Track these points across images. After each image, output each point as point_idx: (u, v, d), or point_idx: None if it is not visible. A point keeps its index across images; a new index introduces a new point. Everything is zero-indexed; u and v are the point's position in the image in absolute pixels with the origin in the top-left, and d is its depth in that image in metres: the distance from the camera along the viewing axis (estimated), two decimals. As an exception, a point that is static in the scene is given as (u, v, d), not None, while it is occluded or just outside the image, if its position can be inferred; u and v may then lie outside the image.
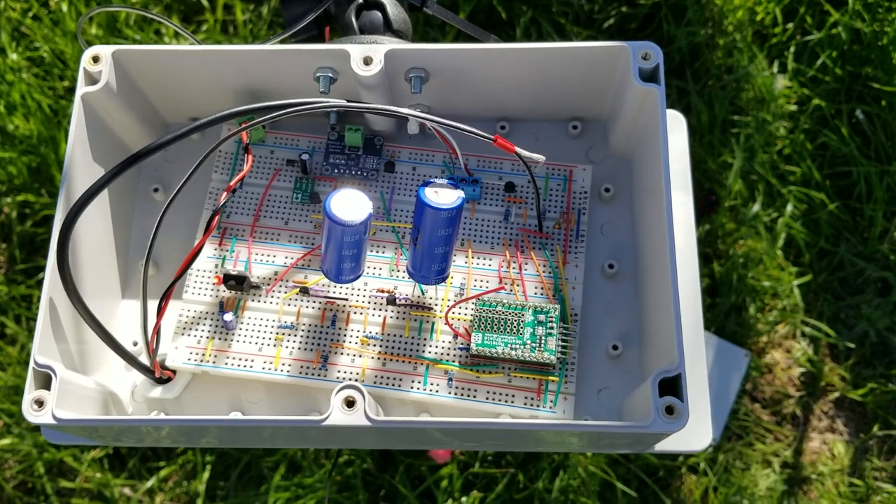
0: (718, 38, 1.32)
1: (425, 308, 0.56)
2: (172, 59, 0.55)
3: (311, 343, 0.55)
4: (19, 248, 1.21)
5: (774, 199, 1.27)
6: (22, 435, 1.13)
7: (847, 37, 1.28)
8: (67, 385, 0.49)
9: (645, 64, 0.53)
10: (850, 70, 1.28)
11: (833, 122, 1.27)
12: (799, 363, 1.23)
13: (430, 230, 0.51)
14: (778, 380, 1.24)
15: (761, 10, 1.32)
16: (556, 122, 0.61)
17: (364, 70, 0.53)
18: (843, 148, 1.26)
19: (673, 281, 0.49)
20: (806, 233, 1.25)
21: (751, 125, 1.28)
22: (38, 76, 1.26)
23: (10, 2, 1.27)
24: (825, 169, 1.27)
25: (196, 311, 0.56)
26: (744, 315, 1.25)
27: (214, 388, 0.57)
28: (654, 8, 1.31)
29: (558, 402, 0.54)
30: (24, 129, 1.22)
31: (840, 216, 1.25)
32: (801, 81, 1.30)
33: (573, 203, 0.58)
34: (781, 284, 1.24)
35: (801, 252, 1.25)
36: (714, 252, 1.27)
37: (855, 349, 1.22)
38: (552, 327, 0.54)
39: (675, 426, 0.47)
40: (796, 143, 1.27)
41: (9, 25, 1.26)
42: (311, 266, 0.57)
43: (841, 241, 1.25)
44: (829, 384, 1.22)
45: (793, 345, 1.24)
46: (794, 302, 1.24)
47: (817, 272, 1.25)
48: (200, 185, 0.59)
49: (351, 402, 0.48)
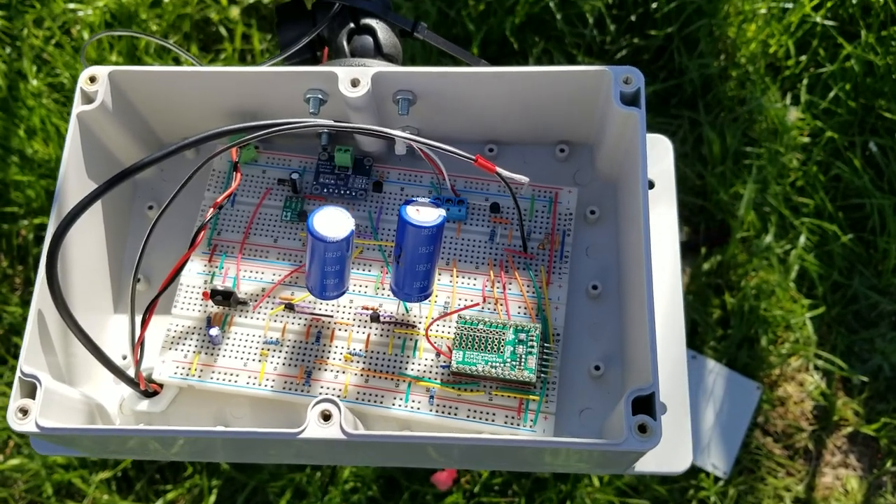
0: (731, 70, 1.33)
1: (409, 326, 0.57)
2: (167, 80, 0.57)
3: (296, 359, 0.56)
4: (34, 270, 1.24)
5: (787, 231, 1.26)
6: (31, 455, 1.15)
7: (860, 69, 1.28)
8: (53, 395, 0.50)
9: (626, 88, 0.54)
10: (863, 102, 1.28)
11: (846, 155, 1.27)
12: (812, 397, 1.22)
13: (412, 248, 0.52)
14: (790, 413, 1.22)
15: (774, 43, 1.32)
16: (543, 145, 0.62)
17: (351, 91, 0.55)
18: (856, 180, 1.25)
19: (648, 300, 0.49)
20: (819, 265, 1.24)
21: (763, 157, 1.28)
22: (57, 101, 1.29)
23: (33, 29, 1.31)
24: (838, 201, 1.27)
25: (184, 326, 0.57)
26: (756, 347, 1.24)
27: (201, 402, 0.57)
28: (666, 39, 1.32)
29: (538, 421, 0.54)
30: (44, 153, 1.25)
31: (854, 249, 1.25)
32: (814, 113, 1.30)
33: (558, 224, 0.59)
34: (794, 317, 1.23)
35: (815, 284, 1.24)
36: (726, 283, 1.27)
37: (869, 383, 1.21)
38: (533, 346, 0.55)
39: (647, 444, 0.47)
40: (809, 175, 1.27)
41: (31, 52, 1.29)
42: (297, 283, 0.58)
43: (854, 274, 1.24)
44: (842, 418, 1.21)
45: (805, 378, 1.23)
46: (807, 335, 1.23)
47: (831, 305, 1.24)
48: (194, 204, 0.60)
49: (327, 416, 0.49)
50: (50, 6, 1.32)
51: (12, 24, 1.32)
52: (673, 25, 1.31)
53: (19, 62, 1.29)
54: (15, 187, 1.24)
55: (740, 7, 1.33)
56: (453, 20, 1.34)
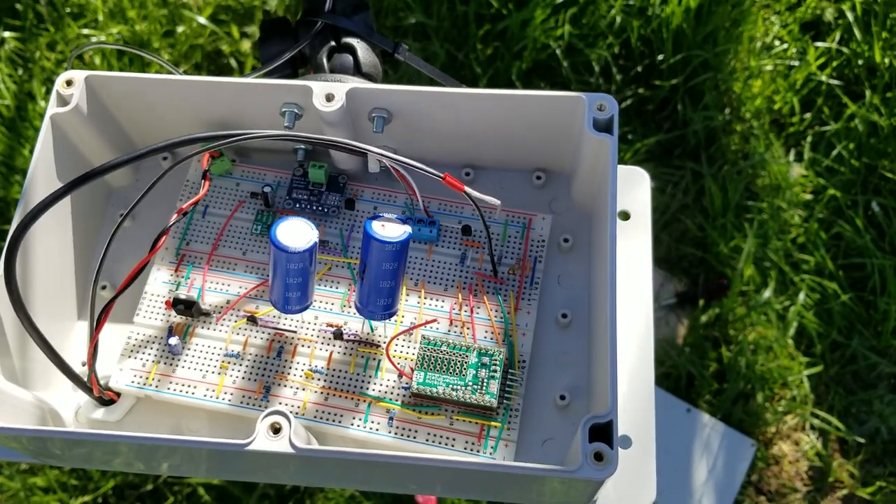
0: (735, 123, 1.33)
1: (372, 345, 0.56)
2: (144, 87, 0.57)
3: (256, 373, 0.55)
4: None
5: (787, 287, 1.25)
6: (11, 476, 1.14)
7: (864, 129, 1.28)
8: (3, 395, 0.50)
9: (600, 115, 0.53)
10: (866, 162, 1.28)
11: (848, 213, 1.26)
12: (807, 456, 1.19)
13: (376, 263, 0.51)
14: (785, 472, 1.20)
15: (779, 100, 1.32)
16: (520, 171, 0.62)
17: (326, 106, 0.54)
18: (857, 239, 1.24)
19: (611, 325, 0.48)
20: (818, 323, 1.22)
21: (765, 211, 1.27)
22: (65, 125, 1.31)
23: (45, 52, 1.33)
24: (839, 259, 1.25)
25: (145, 334, 0.56)
26: (751, 403, 1.22)
27: (158, 414, 0.56)
28: (671, 91, 1.33)
29: (499, 448, 0.53)
30: (47, 174, 1.25)
31: (854, 308, 1.23)
32: (817, 171, 1.29)
33: (530, 251, 0.58)
34: (791, 374, 1.21)
35: (813, 342, 1.22)
36: (723, 337, 1.25)
37: (865, 445, 1.18)
38: (496, 370, 0.53)
39: (602, 473, 0.46)
40: (810, 232, 1.26)
41: (42, 74, 1.31)
42: (263, 297, 0.57)
43: (854, 334, 1.22)
44: (837, 480, 1.18)
45: (801, 437, 1.20)
46: (804, 393, 1.20)
47: (829, 364, 1.22)
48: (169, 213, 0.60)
49: (277, 429, 0.48)
50: (64, 30, 1.34)
51: (25, 47, 1.34)
52: (678, 77, 1.32)
53: (29, 84, 1.30)
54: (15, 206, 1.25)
55: (746, 63, 1.33)
56: (461, 62, 1.35)
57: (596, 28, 1.34)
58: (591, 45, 1.34)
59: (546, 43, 1.34)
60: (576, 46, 1.34)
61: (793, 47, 1.33)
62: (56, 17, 1.34)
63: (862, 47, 1.30)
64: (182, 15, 1.35)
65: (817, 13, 1.35)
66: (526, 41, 1.33)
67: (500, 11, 1.36)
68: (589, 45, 1.34)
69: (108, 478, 1.13)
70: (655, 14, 1.33)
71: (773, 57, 1.33)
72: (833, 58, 1.33)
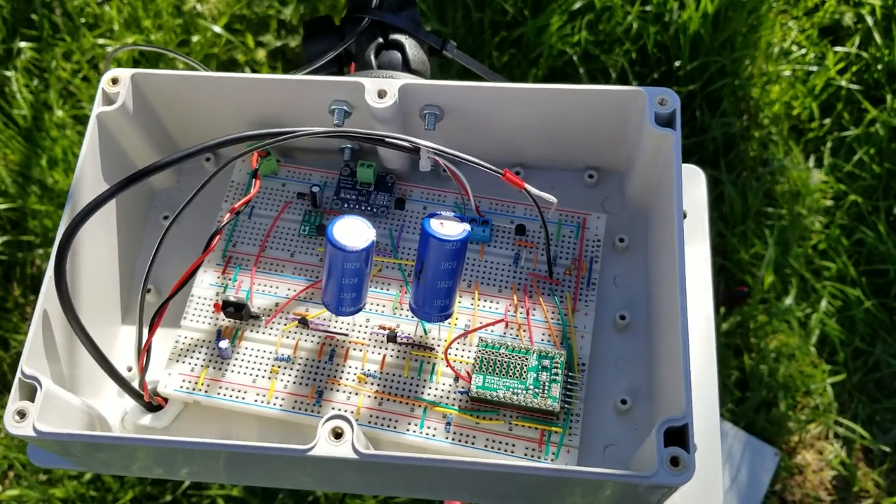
0: (754, 130, 1.32)
1: (427, 348, 0.54)
2: (190, 85, 0.55)
3: (307, 378, 0.54)
4: (46, 300, 1.22)
5: (808, 294, 1.24)
6: (32, 486, 1.11)
7: (885, 134, 1.27)
8: (53, 399, 0.48)
9: (661, 109, 0.52)
10: (888, 167, 1.27)
11: (870, 219, 1.25)
12: (831, 465, 1.18)
13: (434, 263, 0.49)
14: (809, 482, 1.18)
15: (798, 105, 1.31)
16: (571, 170, 0.60)
17: (378, 103, 0.53)
18: (879, 245, 1.23)
19: (682, 327, 0.47)
20: (840, 330, 1.21)
21: (785, 218, 1.26)
22: (81, 133, 1.29)
23: (61, 62, 1.31)
24: (861, 266, 1.24)
25: (193, 338, 0.55)
26: (774, 412, 1.21)
27: (206, 420, 0.55)
28: (689, 97, 1.32)
29: (560, 454, 0.51)
30: (64, 183, 1.24)
31: (877, 315, 1.22)
32: (838, 177, 1.28)
33: (586, 251, 0.57)
34: (814, 382, 1.19)
35: (836, 350, 1.21)
36: (745, 345, 1.24)
37: (890, 454, 1.17)
38: (557, 374, 0.52)
39: (679, 479, 0.44)
40: (832, 239, 1.25)
41: (58, 84, 1.30)
42: (312, 300, 0.56)
43: (877, 341, 1.21)
44: (862, 490, 1.17)
45: (825, 446, 1.19)
46: (828, 401, 1.19)
47: (852, 371, 1.21)
48: (209, 217, 0.59)
49: (339, 434, 0.46)
50: (80, 41, 1.32)
51: (42, 56, 1.32)
52: (696, 83, 1.31)
53: (46, 94, 1.29)
54: (33, 216, 1.23)
55: (764, 68, 1.33)
56: (476, 70, 1.33)
57: (612, 34, 1.33)
58: (607, 52, 1.34)
59: (562, 49, 1.33)
60: (592, 53, 1.34)
61: (811, 52, 1.32)
62: (72, 27, 1.33)
63: (882, 51, 1.30)
64: (197, 24, 1.34)
65: (836, 17, 1.34)
66: (542, 48, 1.32)
67: (515, 18, 1.35)
68: (605, 52, 1.34)
69: (127, 489, 1.11)
70: (672, 20, 1.33)
71: (791, 62, 1.33)
72: (852, 62, 1.32)
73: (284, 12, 1.37)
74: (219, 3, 1.37)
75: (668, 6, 1.33)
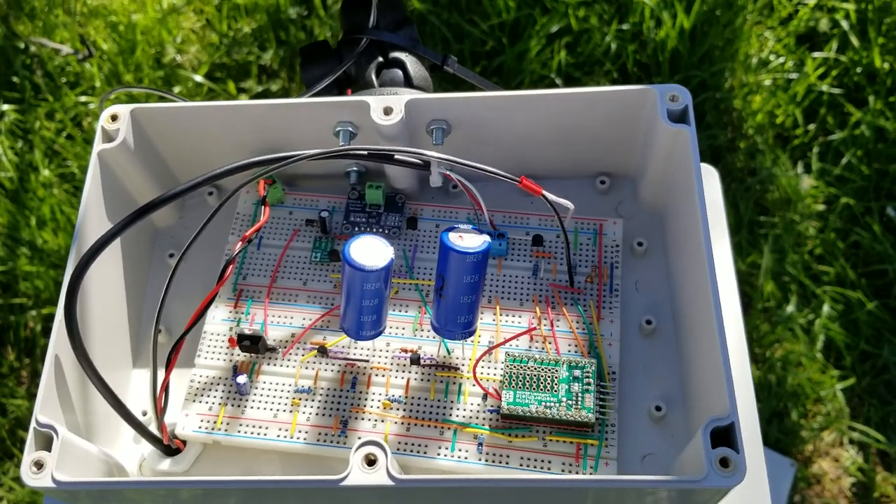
0: (739, 141, 1.32)
1: (452, 368, 0.52)
2: (190, 116, 0.54)
3: (330, 408, 0.52)
4: (41, 361, 1.19)
5: (809, 301, 1.23)
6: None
7: (871, 135, 1.27)
8: (69, 448, 0.46)
9: (673, 105, 0.51)
10: (877, 167, 1.27)
11: (864, 220, 1.25)
12: (849, 472, 1.16)
13: (456, 277, 0.48)
14: (828, 491, 1.16)
15: (781, 113, 1.32)
16: (582, 178, 0.59)
17: (384, 120, 0.52)
18: (876, 246, 1.23)
19: (718, 325, 0.45)
20: (845, 334, 1.20)
21: (778, 226, 1.25)
22: (67, 192, 1.27)
23: (45, 122, 1.30)
24: (860, 268, 1.24)
25: (209, 376, 0.53)
26: (786, 421, 1.19)
27: (227, 460, 0.53)
28: (673, 113, 1.32)
29: (599, 467, 0.50)
30: (53, 243, 1.22)
31: (880, 316, 1.21)
32: (828, 181, 1.28)
33: (605, 257, 0.55)
34: (824, 388, 1.18)
35: (842, 354, 1.20)
36: (750, 356, 1.22)
37: (908, 456, 1.15)
38: (589, 383, 0.50)
39: (731, 480, 0.43)
40: (827, 243, 1.25)
41: (42, 144, 1.28)
42: (329, 327, 0.54)
43: (883, 343, 1.20)
44: (883, 495, 1.15)
45: (841, 453, 1.17)
46: (839, 407, 1.18)
47: (860, 375, 1.19)
48: (218, 250, 0.57)
49: (372, 461, 0.44)
50: (62, 99, 1.31)
51: (25, 118, 1.31)
52: (679, 99, 1.31)
53: (31, 154, 1.27)
54: (24, 278, 1.21)
55: (744, 80, 1.33)
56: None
57: (592, 56, 1.34)
58: (588, 73, 1.34)
59: (544, 74, 1.33)
60: (573, 75, 1.34)
61: (790, 60, 1.33)
62: (53, 86, 1.32)
63: (860, 54, 1.31)
64: (178, 75, 1.33)
65: (811, 24, 1.35)
66: (523, 74, 1.32)
67: (494, 48, 1.35)
68: (586, 74, 1.34)
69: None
70: (650, 38, 1.33)
71: (770, 71, 1.33)
72: (832, 67, 1.33)
73: (264, 57, 1.36)
74: (199, 52, 1.36)
75: (644, 25, 1.34)
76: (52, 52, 1.32)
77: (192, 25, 1.41)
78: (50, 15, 1.36)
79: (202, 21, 1.42)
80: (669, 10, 1.33)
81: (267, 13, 1.38)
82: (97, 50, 1.32)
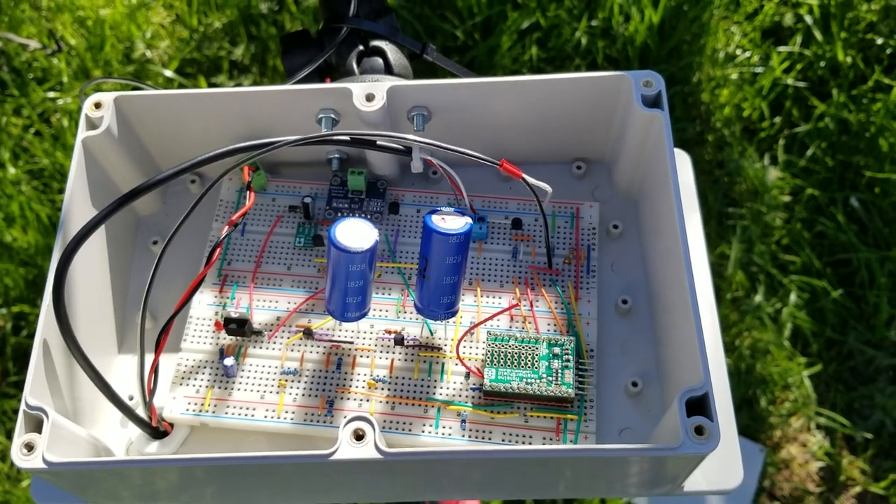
0: (707, 134, 1.35)
1: (435, 348, 0.54)
2: (173, 104, 0.55)
3: (316, 389, 0.53)
4: (13, 360, 1.18)
5: (776, 290, 1.26)
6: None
7: (835, 127, 1.30)
8: (59, 430, 0.46)
9: (647, 91, 0.53)
10: (841, 159, 1.30)
11: (829, 211, 1.28)
12: (816, 457, 1.19)
13: (439, 258, 0.49)
14: (796, 476, 1.19)
15: (748, 106, 1.34)
16: (559, 163, 0.61)
17: (366, 106, 0.53)
18: (841, 236, 1.26)
19: (692, 297, 0.47)
20: (811, 322, 1.23)
21: (746, 217, 1.28)
22: (37, 189, 1.26)
23: (11, 118, 1.29)
24: (825, 257, 1.27)
25: (195, 360, 0.53)
26: (755, 408, 1.22)
27: (214, 442, 0.53)
28: (642, 107, 1.34)
29: (578, 440, 0.51)
30: (22, 240, 1.21)
31: (845, 304, 1.24)
32: (794, 172, 1.31)
33: (582, 240, 0.57)
34: (791, 375, 1.21)
35: (809, 342, 1.23)
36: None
37: (872, 440, 1.18)
38: (568, 360, 0.52)
39: (706, 447, 0.44)
40: (794, 233, 1.27)
41: (10, 141, 1.27)
42: (314, 310, 0.55)
43: (848, 330, 1.23)
44: (849, 478, 1.18)
45: (808, 438, 1.20)
46: (806, 393, 1.21)
47: (827, 362, 1.22)
48: (201, 238, 0.58)
49: (360, 436, 0.45)
50: (29, 95, 1.30)
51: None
52: (648, 93, 1.33)
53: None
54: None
55: (712, 74, 1.36)
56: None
57: (563, 51, 1.36)
58: (559, 68, 1.36)
59: (515, 70, 1.34)
60: (544, 70, 1.35)
61: (756, 54, 1.36)
62: (20, 82, 1.31)
63: (824, 48, 1.34)
64: (148, 70, 1.33)
65: (776, 19, 1.38)
66: (495, 70, 1.34)
67: (465, 43, 1.37)
68: (557, 68, 1.36)
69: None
70: (619, 33, 1.35)
71: (737, 65, 1.36)
72: (797, 61, 1.36)
73: (235, 52, 1.37)
74: (169, 48, 1.36)
75: (613, 20, 1.36)
76: (20, 47, 1.31)
77: (162, 20, 1.41)
78: (16, 10, 1.36)
79: (172, 16, 1.42)
80: (638, 5, 1.35)
81: (238, 8, 1.39)
82: (65, 45, 1.32)
